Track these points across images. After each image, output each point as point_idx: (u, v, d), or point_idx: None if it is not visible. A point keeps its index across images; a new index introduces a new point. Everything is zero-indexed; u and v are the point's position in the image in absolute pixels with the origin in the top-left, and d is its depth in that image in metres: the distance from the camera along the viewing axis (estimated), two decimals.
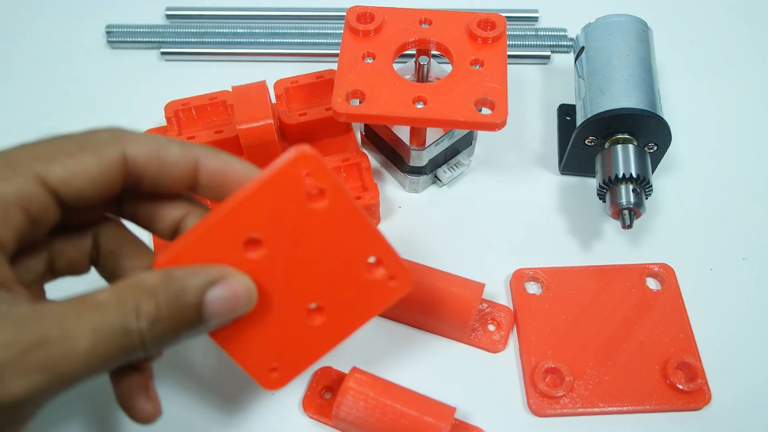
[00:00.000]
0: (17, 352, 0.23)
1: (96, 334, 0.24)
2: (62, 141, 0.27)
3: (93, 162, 0.27)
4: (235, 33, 0.57)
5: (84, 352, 0.24)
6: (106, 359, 0.24)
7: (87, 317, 0.24)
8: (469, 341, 0.41)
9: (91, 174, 0.26)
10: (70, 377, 0.24)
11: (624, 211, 0.42)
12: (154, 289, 0.25)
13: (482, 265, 0.44)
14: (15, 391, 0.23)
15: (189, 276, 0.26)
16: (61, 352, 0.23)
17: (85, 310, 0.24)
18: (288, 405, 0.39)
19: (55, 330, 0.23)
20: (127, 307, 0.25)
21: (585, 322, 0.41)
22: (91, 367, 0.24)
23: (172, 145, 0.29)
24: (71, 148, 0.27)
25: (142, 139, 0.28)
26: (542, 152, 0.51)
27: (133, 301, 0.25)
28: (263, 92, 0.43)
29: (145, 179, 0.28)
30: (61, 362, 0.23)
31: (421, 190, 0.48)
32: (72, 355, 0.23)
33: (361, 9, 0.44)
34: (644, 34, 0.46)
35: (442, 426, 0.35)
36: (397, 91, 0.40)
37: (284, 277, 0.29)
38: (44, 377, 0.23)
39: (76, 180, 0.26)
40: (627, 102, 0.42)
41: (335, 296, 0.30)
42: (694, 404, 0.38)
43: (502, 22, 0.43)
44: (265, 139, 0.42)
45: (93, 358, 0.24)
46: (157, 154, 0.28)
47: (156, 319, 0.25)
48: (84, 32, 0.59)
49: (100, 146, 0.27)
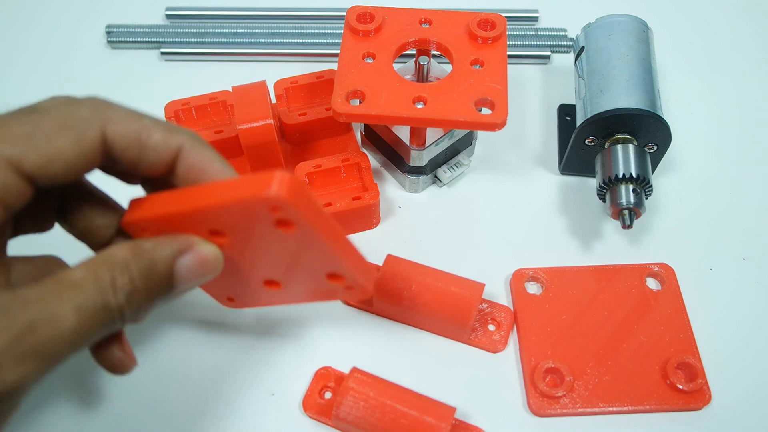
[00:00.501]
0: (9, 340, 0.23)
1: (79, 312, 0.24)
2: (40, 118, 0.26)
3: (71, 145, 0.26)
4: (235, 33, 0.57)
5: (70, 332, 0.24)
6: (89, 335, 0.25)
7: (68, 297, 0.24)
8: (469, 341, 0.41)
9: (69, 158, 0.26)
10: (58, 358, 0.24)
11: (624, 211, 0.42)
12: (126, 262, 0.26)
13: (482, 265, 0.44)
14: (11, 378, 0.23)
15: (159, 247, 0.27)
16: (49, 335, 0.23)
17: (64, 290, 0.24)
18: (288, 405, 0.39)
19: (40, 314, 0.23)
20: (103, 283, 0.25)
21: (585, 322, 0.41)
22: (76, 344, 0.24)
23: (156, 131, 0.28)
24: (49, 129, 0.26)
25: (124, 119, 0.27)
26: (542, 152, 0.51)
27: (108, 277, 0.25)
28: (263, 92, 0.43)
29: (121, 162, 0.28)
30: (50, 345, 0.23)
31: (421, 190, 0.48)
32: (60, 337, 0.24)
33: (361, 9, 0.44)
34: (644, 34, 0.46)
35: (442, 426, 0.35)
36: (397, 91, 0.40)
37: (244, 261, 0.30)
38: (37, 362, 0.23)
39: (53, 165, 0.26)
40: (627, 102, 0.42)
41: (292, 281, 0.31)
42: (694, 404, 0.38)
43: (502, 22, 0.43)
44: (265, 139, 0.42)
45: (78, 336, 0.24)
46: (138, 139, 0.27)
47: (131, 291, 0.26)
48: (84, 32, 0.59)
49: (79, 127, 0.26)
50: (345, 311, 0.43)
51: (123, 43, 0.58)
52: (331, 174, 0.45)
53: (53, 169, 0.26)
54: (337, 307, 0.43)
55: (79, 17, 0.60)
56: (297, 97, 0.50)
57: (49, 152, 0.25)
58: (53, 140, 0.26)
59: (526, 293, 0.43)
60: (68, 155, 0.26)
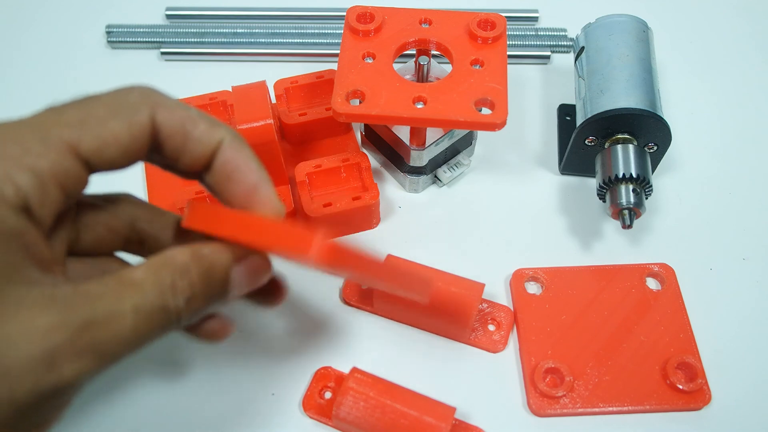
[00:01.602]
0: (70, 334, 0.22)
1: (137, 313, 0.24)
2: (92, 104, 0.26)
3: (124, 129, 0.26)
4: (235, 33, 0.57)
5: (128, 332, 0.24)
6: (146, 337, 0.24)
7: (128, 296, 0.24)
8: (469, 341, 0.41)
9: (123, 142, 0.26)
10: (115, 357, 0.24)
11: (624, 211, 0.42)
12: (186, 266, 0.25)
13: (482, 265, 0.44)
14: (68, 374, 0.22)
15: (216, 253, 0.27)
16: (107, 333, 0.23)
17: (124, 289, 0.24)
18: (288, 405, 0.39)
19: (100, 310, 0.23)
20: (164, 285, 0.25)
21: (585, 322, 0.41)
22: (132, 345, 0.24)
23: (201, 121, 0.27)
24: (102, 113, 0.26)
25: (172, 106, 0.27)
26: (542, 152, 0.51)
27: (169, 279, 0.25)
28: (263, 92, 0.43)
29: (165, 150, 0.27)
30: (107, 343, 0.23)
31: (421, 190, 0.48)
32: (117, 336, 0.23)
33: (361, 9, 0.44)
34: (644, 34, 0.46)
35: (442, 426, 0.35)
36: (397, 91, 0.40)
37: None
38: (94, 359, 0.23)
39: (108, 149, 0.25)
40: (627, 102, 0.42)
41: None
42: (694, 404, 0.38)
43: (502, 22, 0.43)
44: (265, 139, 0.42)
45: (135, 337, 0.24)
46: (183, 128, 0.27)
47: (191, 296, 0.25)
48: (84, 32, 0.59)
49: (131, 111, 0.26)
50: (345, 311, 0.43)
51: (123, 43, 0.58)
52: (331, 174, 0.45)
53: (108, 154, 0.26)
54: (337, 307, 0.43)
55: (79, 17, 0.60)
56: (297, 97, 0.50)
57: (103, 135, 0.25)
58: (107, 124, 0.25)
59: (526, 293, 0.43)
60: (122, 139, 0.26)
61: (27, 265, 0.23)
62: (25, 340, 0.22)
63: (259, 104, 0.42)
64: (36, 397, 0.22)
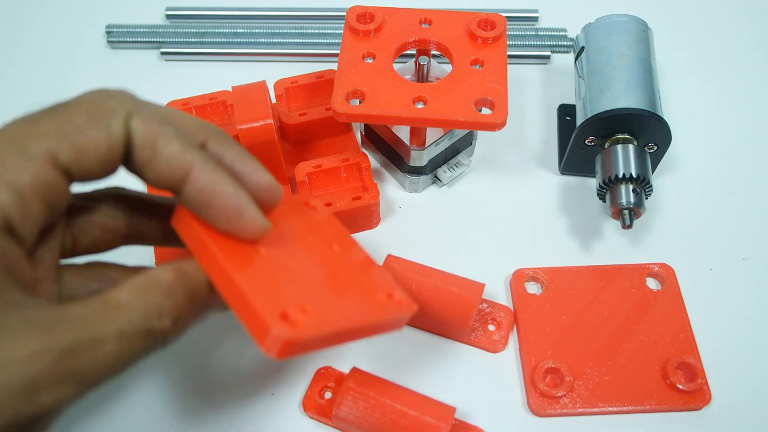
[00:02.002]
0: (51, 361, 0.22)
1: (121, 337, 0.23)
2: (69, 111, 0.25)
3: (102, 138, 0.25)
4: (235, 33, 0.57)
5: (111, 357, 0.23)
6: (128, 361, 0.24)
7: (111, 320, 0.23)
8: (469, 341, 0.41)
9: (101, 151, 0.25)
10: (97, 382, 0.23)
11: (624, 211, 0.42)
12: (171, 287, 0.25)
13: (482, 265, 0.44)
14: (48, 402, 0.22)
15: (200, 271, 0.27)
16: (90, 359, 0.23)
17: (108, 313, 0.24)
18: (288, 405, 0.39)
19: (83, 336, 0.22)
20: (149, 308, 0.24)
21: (585, 322, 0.41)
22: (115, 370, 0.24)
23: (175, 142, 0.26)
24: (80, 122, 0.25)
25: (149, 117, 0.26)
26: (542, 152, 0.51)
27: (155, 302, 0.24)
28: (263, 92, 0.43)
29: (132, 160, 0.26)
30: (89, 369, 0.23)
31: (421, 190, 0.48)
32: (100, 361, 0.23)
33: (361, 9, 0.44)
34: (644, 34, 0.46)
35: (442, 426, 0.34)
36: (397, 91, 0.40)
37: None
38: (75, 385, 0.22)
39: (87, 159, 0.25)
40: (627, 102, 0.42)
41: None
42: (694, 404, 0.38)
43: (502, 22, 0.43)
44: (265, 139, 0.42)
45: (118, 362, 0.23)
46: (154, 143, 0.26)
47: (178, 317, 0.25)
48: (84, 32, 0.59)
49: (108, 117, 0.25)
50: None
51: (123, 43, 0.58)
52: (331, 174, 0.45)
53: (87, 163, 0.25)
54: None
55: (79, 17, 0.60)
56: (297, 97, 0.50)
57: (81, 144, 0.25)
58: (86, 132, 0.25)
59: (526, 293, 0.43)
60: (100, 148, 0.25)
61: (9, 287, 0.23)
62: (6, 370, 0.21)
63: (259, 104, 0.42)
64: (13, 428, 0.22)
